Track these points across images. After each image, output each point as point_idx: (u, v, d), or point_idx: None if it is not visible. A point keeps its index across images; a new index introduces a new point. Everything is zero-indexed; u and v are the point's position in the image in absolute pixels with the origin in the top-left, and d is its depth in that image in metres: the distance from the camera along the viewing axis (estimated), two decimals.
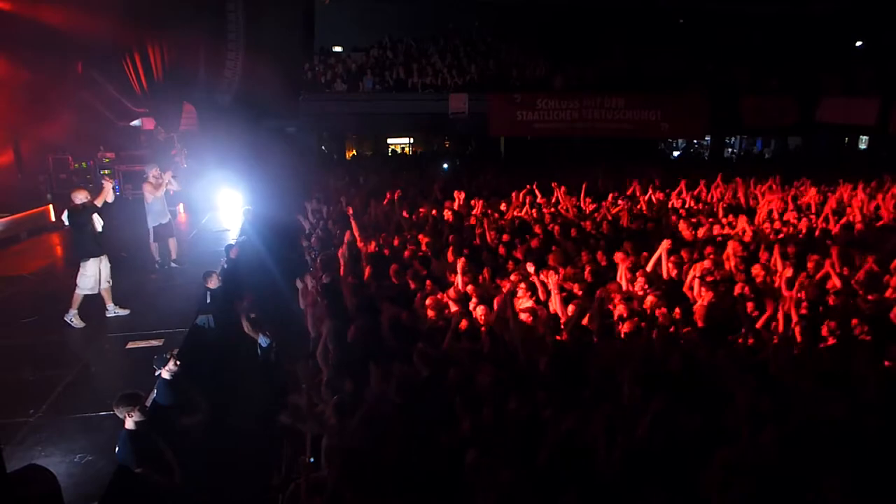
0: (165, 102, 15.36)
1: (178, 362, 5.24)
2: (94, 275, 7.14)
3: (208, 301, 7.44)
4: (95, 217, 7.18)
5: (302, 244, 9.75)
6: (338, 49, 24.72)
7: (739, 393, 3.99)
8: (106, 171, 14.90)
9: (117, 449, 4.36)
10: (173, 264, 9.54)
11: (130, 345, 6.59)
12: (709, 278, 6.37)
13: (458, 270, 6.50)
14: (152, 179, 9.32)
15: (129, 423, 4.38)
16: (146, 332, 6.87)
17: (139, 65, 14.26)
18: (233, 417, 5.88)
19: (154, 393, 5.30)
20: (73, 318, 7.09)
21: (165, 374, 5.19)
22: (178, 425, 5.10)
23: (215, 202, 13.30)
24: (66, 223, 7.15)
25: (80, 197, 7.13)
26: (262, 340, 6.90)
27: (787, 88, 21.92)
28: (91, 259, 7.12)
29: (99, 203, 7.23)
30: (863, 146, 25.44)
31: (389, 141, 27.36)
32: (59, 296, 8.05)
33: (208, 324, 7.25)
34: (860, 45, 24.72)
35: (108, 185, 7.36)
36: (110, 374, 5.93)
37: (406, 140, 27.65)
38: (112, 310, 7.39)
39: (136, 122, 16.15)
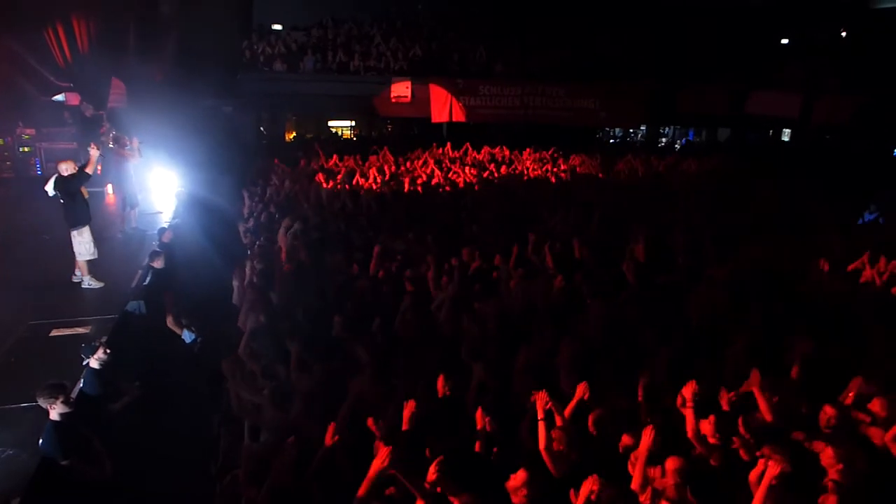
0: (92, 76, 14.54)
1: (108, 351, 5.05)
2: (90, 240, 7.28)
3: (149, 280, 7.30)
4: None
5: (239, 228, 9.51)
6: (277, 27, 23.98)
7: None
8: (25, 148, 14.05)
9: (41, 441, 4.18)
10: (119, 234, 9.73)
11: (55, 332, 6.30)
12: None
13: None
14: (127, 149, 10.11)
15: (54, 415, 4.21)
16: (73, 319, 6.58)
17: (62, 34, 13.43)
18: (165, 406, 5.71)
19: (81, 383, 5.09)
20: (91, 282, 7.35)
21: (94, 364, 4.99)
22: (106, 411, 4.92)
23: (147, 183, 12.74)
24: (53, 193, 7.19)
25: (69, 168, 7.25)
26: (186, 335, 6.71)
27: (720, 80, 22.69)
28: (85, 226, 7.24)
29: (90, 170, 7.32)
30: (785, 139, 26.74)
31: (331, 123, 26.87)
32: None
33: (139, 310, 7.01)
34: (787, 42, 25.83)
35: (95, 154, 7.45)
36: (34, 364, 5.63)
37: (348, 123, 27.21)
38: (86, 281, 7.45)
39: (59, 97, 15.23)
